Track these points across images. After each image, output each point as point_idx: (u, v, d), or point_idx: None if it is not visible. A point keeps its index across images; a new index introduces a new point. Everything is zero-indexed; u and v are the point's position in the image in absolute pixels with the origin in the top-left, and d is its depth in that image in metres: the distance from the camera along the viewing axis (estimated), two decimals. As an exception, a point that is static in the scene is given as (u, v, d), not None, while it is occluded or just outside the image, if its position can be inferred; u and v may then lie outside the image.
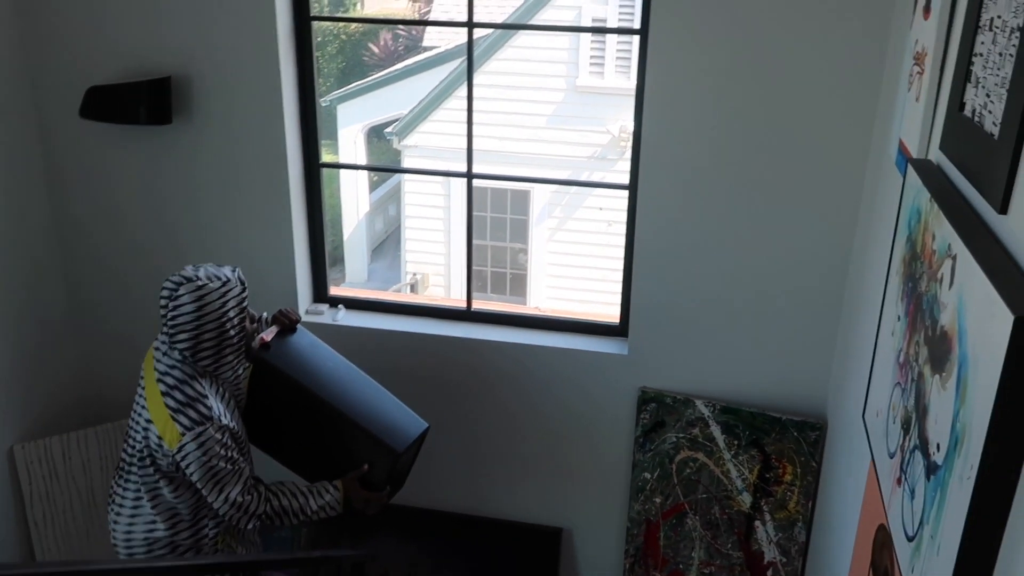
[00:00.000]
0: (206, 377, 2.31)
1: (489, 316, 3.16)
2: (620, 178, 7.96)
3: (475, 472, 3.22)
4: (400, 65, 10.06)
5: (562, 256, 8.46)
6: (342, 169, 10.26)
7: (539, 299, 8.56)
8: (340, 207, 10.34)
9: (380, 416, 2.52)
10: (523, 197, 8.59)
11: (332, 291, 3.27)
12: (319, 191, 3.12)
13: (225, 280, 2.29)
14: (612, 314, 3.17)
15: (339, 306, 3.23)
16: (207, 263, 2.35)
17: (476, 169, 3.05)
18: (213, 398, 2.30)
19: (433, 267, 9.09)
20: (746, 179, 2.68)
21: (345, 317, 3.19)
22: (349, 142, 9.69)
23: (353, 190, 10.00)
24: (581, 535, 3.25)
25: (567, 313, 3.74)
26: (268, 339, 2.49)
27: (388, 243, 11.25)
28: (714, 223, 2.75)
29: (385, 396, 2.60)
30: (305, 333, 2.64)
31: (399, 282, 9.54)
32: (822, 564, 2.70)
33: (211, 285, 2.25)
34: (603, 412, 3.05)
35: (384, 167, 7.07)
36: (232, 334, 2.31)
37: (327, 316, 3.17)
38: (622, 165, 8.06)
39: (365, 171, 10.42)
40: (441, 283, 9.06)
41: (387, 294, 7.08)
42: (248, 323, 2.40)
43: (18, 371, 3.08)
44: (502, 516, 3.28)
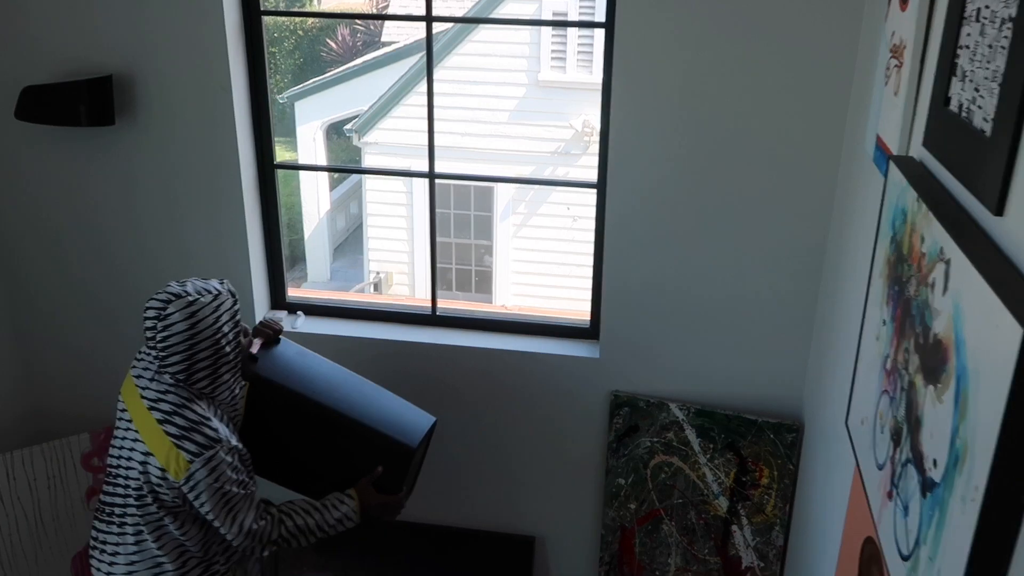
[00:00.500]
0: (203, 399, 2.16)
1: (455, 320, 3.06)
2: (585, 173, 7.96)
3: (443, 481, 3.12)
4: (359, 61, 9.89)
5: (528, 252, 8.37)
6: (300, 170, 10.06)
7: (506, 296, 8.46)
8: (300, 205, 10.15)
9: (386, 415, 2.42)
10: (487, 193, 8.49)
11: (292, 293, 3.15)
12: (274, 193, 2.99)
13: (216, 293, 2.13)
14: (580, 310, 3.08)
15: (298, 313, 3.10)
16: (192, 277, 2.20)
17: (439, 166, 2.94)
18: (215, 420, 2.15)
19: (397, 265, 8.95)
20: (716, 176, 2.61)
21: (305, 324, 3.06)
22: (308, 139, 9.51)
23: (313, 188, 9.82)
24: (554, 543, 3.16)
25: (536, 311, 3.65)
26: (254, 352, 2.36)
27: (350, 241, 11.09)
28: (684, 222, 2.67)
29: (386, 394, 2.51)
30: (289, 343, 2.53)
31: (362, 281, 9.39)
32: (801, 569, 2.63)
33: (202, 300, 2.10)
34: (575, 417, 2.96)
35: (343, 167, 6.92)
36: (228, 351, 2.16)
37: (286, 323, 3.04)
38: (586, 160, 7.98)
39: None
40: (405, 282, 8.93)
41: (349, 295, 6.95)
42: (242, 337, 2.26)
43: (-43, 388, 2.92)
44: (472, 526, 3.18)
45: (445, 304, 3.10)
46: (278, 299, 3.11)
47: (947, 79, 1.49)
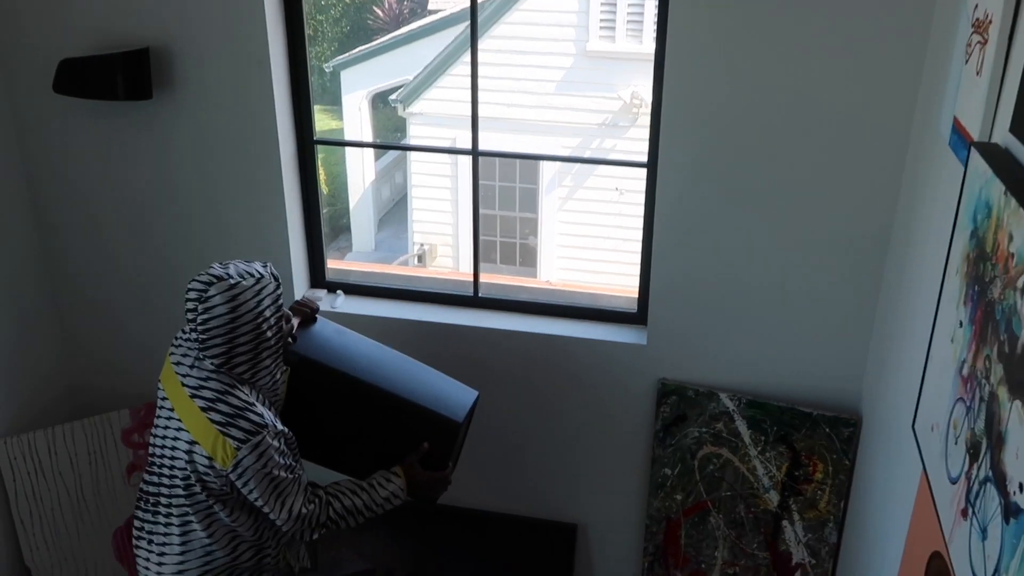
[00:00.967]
0: (244, 385, 2.11)
1: (498, 302, 2.97)
2: (633, 147, 7.77)
3: (484, 466, 3.04)
4: (404, 29, 9.75)
5: (573, 226, 8.23)
6: (341, 146, 9.96)
7: (550, 271, 8.35)
8: (345, 175, 10.10)
9: (429, 390, 2.38)
10: (532, 165, 8.35)
11: (336, 265, 3.08)
12: (314, 169, 2.91)
13: (259, 277, 2.07)
14: (626, 286, 2.96)
15: (338, 292, 3.04)
16: (235, 259, 2.14)
17: (484, 138, 2.82)
18: (259, 405, 2.10)
19: (441, 237, 8.87)
20: (775, 155, 2.46)
21: (345, 303, 2.99)
22: (353, 109, 9.43)
23: (359, 158, 9.76)
24: (598, 531, 3.08)
25: (581, 287, 3.55)
26: (293, 332, 2.31)
27: (395, 211, 11.04)
28: (740, 203, 2.54)
29: (427, 370, 2.46)
30: (326, 321, 2.47)
31: (406, 252, 9.34)
32: (856, 570, 2.52)
33: (244, 283, 2.04)
34: (620, 404, 2.87)
35: (384, 144, 6.80)
36: (269, 336, 2.10)
37: (326, 303, 2.97)
38: (635, 132, 7.79)
39: (369, 137, 10.17)
40: (449, 254, 8.85)
41: (392, 268, 6.90)
42: (284, 323, 2.19)
43: (-1, 363, 2.91)
44: (514, 511, 3.11)
45: (488, 278, 3.00)
46: (317, 277, 3.04)
47: (1042, 59, 1.35)
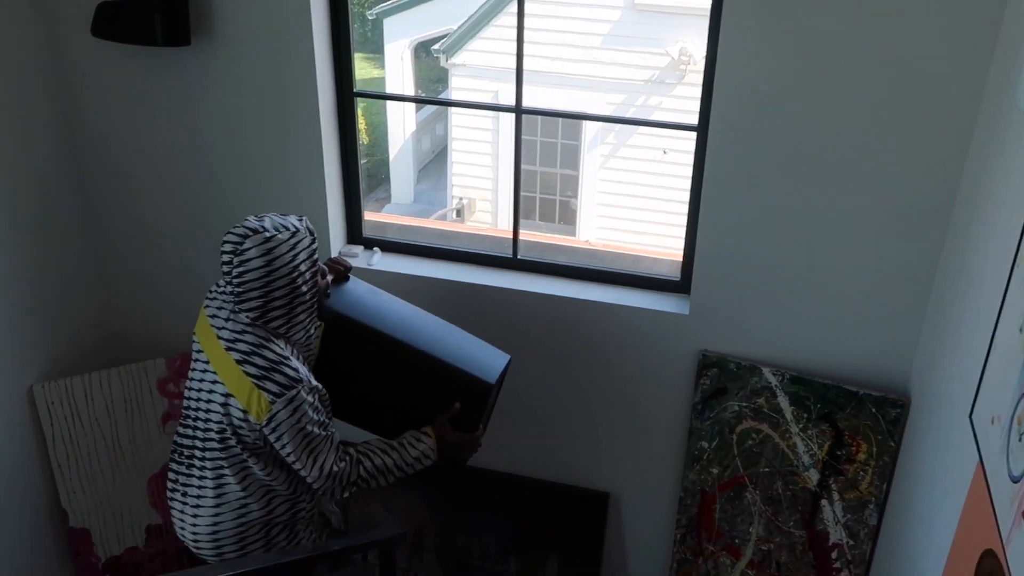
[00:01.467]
0: (280, 339, 2.10)
1: (537, 265, 2.90)
2: (679, 104, 7.57)
3: (517, 431, 3.00)
4: (450, -23, 9.57)
5: (615, 185, 8.08)
6: (381, 100, 9.82)
7: (589, 230, 8.23)
8: (386, 125, 10.01)
9: (462, 352, 2.36)
10: (575, 122, 8.19)
11: (374, 217, 3.03)
12: (353, 122, 2.84)
13: (294, 230, 2.06)
14: (666, 248, 2.87)
15: (374, 249, 2.99)
16: (269, 212, 2.11)
17: (526, 92, 2.72)
18: (294, 359, 2.09)
19: (480, 192, 8.78)
20: (833, 122, 2.34)
21: (381, 261, 2.94)
22: (396, 58, 9.31)
23: (399, 108, 9.67)
24: (630, 501, 3.03)
25: (621, 248, 3.46)
26: (327, 288, 2.28)
27: (435, 163, 10.95)
28: (793, 171, 2.42)
29: (459, 332, 2.44)
30: (359, 281, 2.44)
31: (445, 206, 9.27)
32: (897, 555, 2.45)
33: (280, 236, 2.03)
34: (659, 374, 2.80)
35: (426, 99, 6.67)
36: (304, 290, 2.09)
37: (362, 259, 2.93)
38: (681, 90, 7.59)
39: (411, 87, 10.05)
40: (488, 209, 8.77)
41: (430, 222, 6.83)
42: (320, 278, 2.17)
43: (36, 308, 2.91)
44: (546, 477, 3.07)
45: (527, 236, 2.94)
46: (354, 234, 2.99)
47: None
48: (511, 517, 3.12)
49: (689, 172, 2.64)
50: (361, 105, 2.99)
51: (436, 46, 8.42)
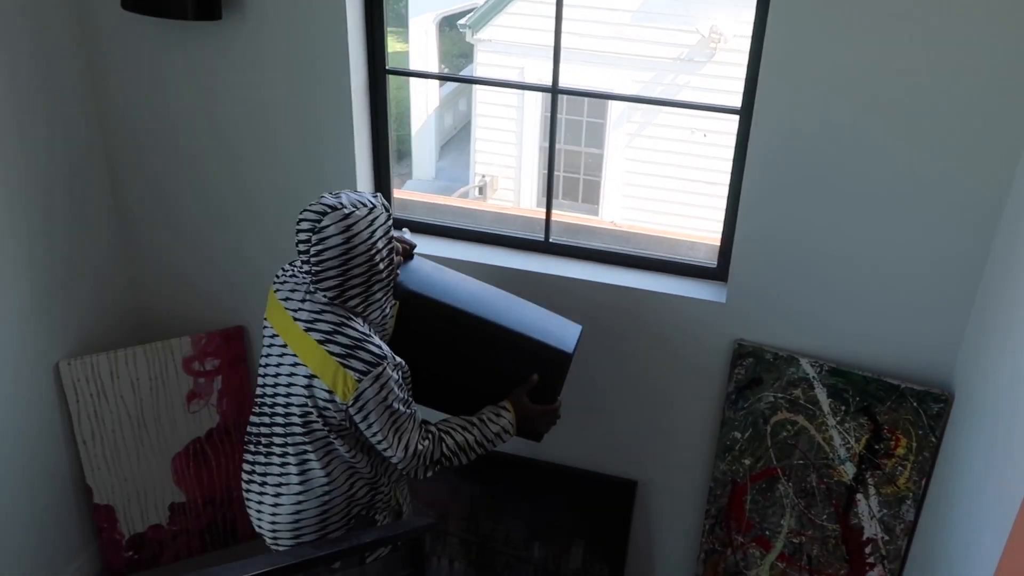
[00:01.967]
0: (358, 318, 2.07)
1: (570, 249, 2.84)
2: (708, 83, 7.45)
3: (545, 416, 2.95)
4: (476, -50, 9.44)
5: (641, 164, 7.98)
6: (413, 77, 9.73)
7: (613, 209, 8.15)
8: (409, 100, 9.95)
9: (536, 323, 2.33)
10: (600, 100, 8.08)
11: (397, 194, 2.98)
12: (385, 100, 2.78)
13: (371, 207, 2.02)
14: (693, 231, 2.81)
15: (404, 229, 2.92)
16: (345, 189, 2.09)
17: (552, 69, 2.64)
18: (375, 336, 2.06)
19: (503, 169, 8.71)
20: (886, 105, 2.25)
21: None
22: (420, 32, 9.22)
23: (422, 83, 9.59)
24: (658, 490, 2.99)
25: (646, 230, 3.40)
26: (399, 266, 2.25)
27: (457, 139, 10.87)
28: (840, 157, 2.35)
29: (528, 304, 2.42)
30: (424, 259, 2.42)
31: (467, 183, 9.21)
32: (936, 551, 2.39)
33: (358, 213, 1.99)
34: (692, 362, 2.74)
35: (461, 77, 6.58)
36: (381, 268, 2.05)
37: (391, 240, 2.87)
38: (711, 68, 7.47)
39: (435, 62, 9.95)
40: (511, 187, 8.70)
41: (455, 200, 6.76)
42: (395, 255, 2.13)
43: (62, 284, 2.88)
44: (572, 463, 3.03)
45: (551, 216, 2.89)
46: (384, 213, 2.94)
47: None
48: (537, 503, 3.08)
49: (718, 153, 2.57)
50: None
51: (462, 21, 8.33)
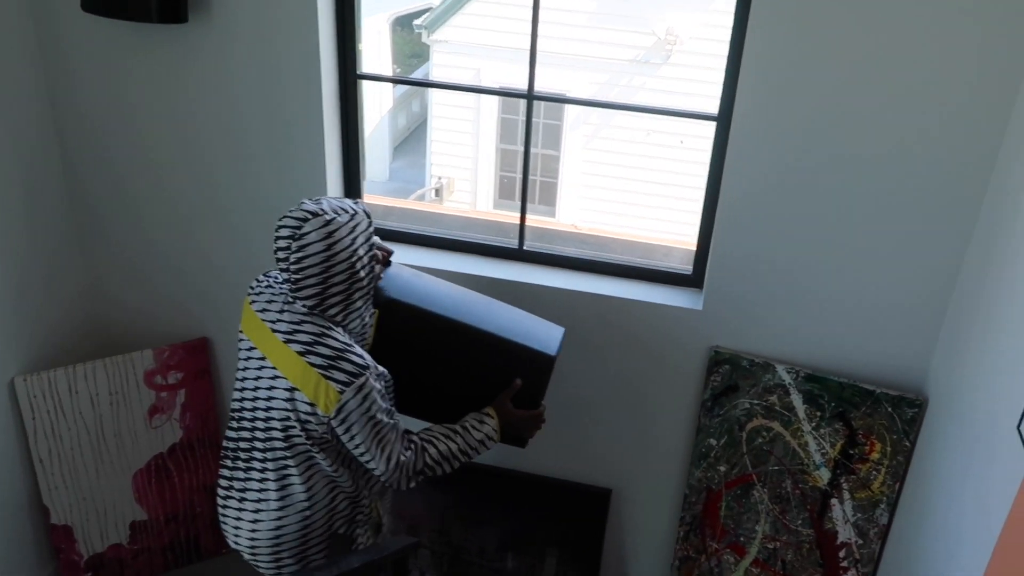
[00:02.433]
0: (338, 327, 2.01)
1: (544, 257, 2.81)
2: (663, 85, 7.48)
3: (519, 425, 2.92)
4: (430, -50, 9.37)
5: (597, 166, 8.00)
6: (385, 82, 9.55)
7: (570, 211, 8.16)
8: (361, 100, 9.82)
9: (519, 327, 2.30)
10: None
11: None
12: (356, 107, 2.72)
13: (352, 213, 1.98)
14: (653, 231, 2.81)
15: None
16: (327, 196, 2.04)
17: (508, 71, 2.70)
18: (356, 346, 2.00)
19: (460, 171, 8.66)
20: (864, 112, 2.25)
21: (381, 250, 2.83)
22: (373, 33, 9.12)
23: (376, 83, 9.49)
24: (632, 498, 2.98)
25: (609, 233, 3.40)
26: (380, 274, 2.21)
27: (410, 140, 10.79)
28: (818, 165, 2.35)
29: (509, 308, 2.38)
30: (402, 266, 2.36)
31: (423, 185, 9.14)
32: (911, 554, 2.42)
33: (340, 219, 1.94)
34: (668, 369, 2.73)
35: (434, 83, 6.46)
36: (362, 275, 2.01)
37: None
38: (666, 70, 7.52)
39: (388, 63, 9.84)
40: (467, 188, 8.66)
41: (414, 204, 6.71)
42: (376, 263, 2.09)
43: (17, 297, 2.76)
44: (546, 473, 3.00)
45: (506, 217, 2.86)
46: (354, 221, 2.88)
47: None
48: (509, 513, 3.05)
49: (679, 155, 2.56)
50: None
51: (418, 21, 8.25)
